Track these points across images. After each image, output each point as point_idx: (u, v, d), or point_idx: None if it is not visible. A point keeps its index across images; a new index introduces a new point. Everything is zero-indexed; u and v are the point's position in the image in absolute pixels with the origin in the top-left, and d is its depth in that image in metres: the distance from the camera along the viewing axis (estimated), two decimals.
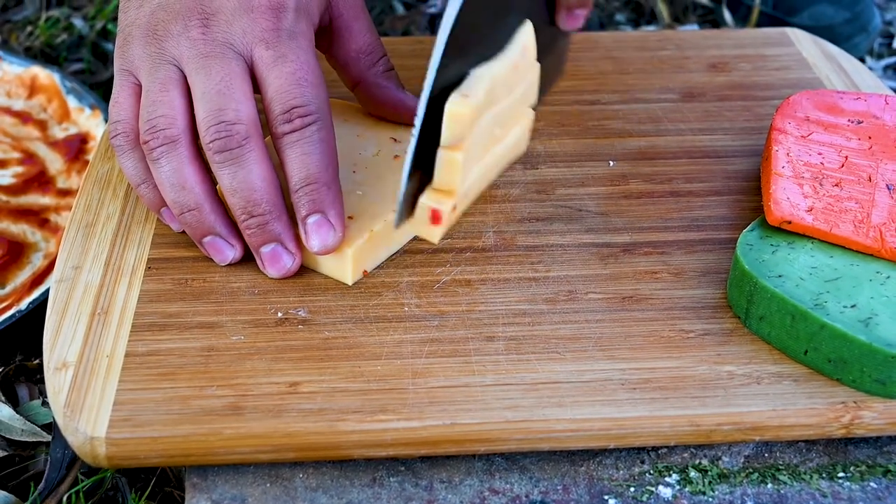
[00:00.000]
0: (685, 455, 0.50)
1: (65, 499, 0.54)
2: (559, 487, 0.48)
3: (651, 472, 0.49)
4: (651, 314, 0.52)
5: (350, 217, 0.55)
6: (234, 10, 0.53)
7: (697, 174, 0.63)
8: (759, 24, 0.97)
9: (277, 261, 0.54)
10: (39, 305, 0.62)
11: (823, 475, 0.49)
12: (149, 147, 0.53)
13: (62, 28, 0.96)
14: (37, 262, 0.67)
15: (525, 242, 0.57)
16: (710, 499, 0.48)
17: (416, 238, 0.57)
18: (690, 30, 0.93)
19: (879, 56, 0.97)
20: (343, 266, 0.53)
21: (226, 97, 0.52)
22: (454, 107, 0.47)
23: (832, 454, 0.50)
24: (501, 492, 0.48)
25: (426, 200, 0.49)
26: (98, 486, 0.55)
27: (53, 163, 0.75)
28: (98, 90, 0.87)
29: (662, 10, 1.01)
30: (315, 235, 0.52)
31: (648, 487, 0.48)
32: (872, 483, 0.48)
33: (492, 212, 0.59)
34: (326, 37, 0.59)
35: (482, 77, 0.50)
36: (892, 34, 1.00)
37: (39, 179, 0.73)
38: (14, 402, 0.60)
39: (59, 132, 0.78)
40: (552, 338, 0.51)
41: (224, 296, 0.53)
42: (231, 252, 0.54)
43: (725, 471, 0.49)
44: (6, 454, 0.57)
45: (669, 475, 0.49)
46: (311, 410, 0.47)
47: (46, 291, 0.62)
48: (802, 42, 0.76)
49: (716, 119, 0.68)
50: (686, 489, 0.48)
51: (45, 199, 0.72)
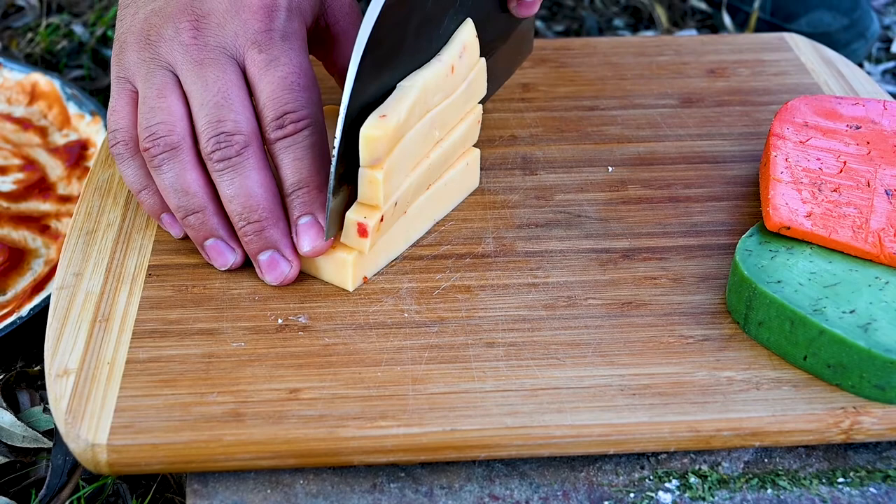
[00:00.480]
0: (685, 461, 0.50)
1: None
2: (559, 493, 0.48)
3: (651, 478, 0.49)
4: (650, 320, 0.53)
5: None
6: (226, 12, 0.53)
7: (696, 180, 0.63)
8: (757, 31, 0.97)
9: (275, 268, 0.54)
10: (40, 312, 0.62)
11: (823, 480, 0.49)
12: (150, 154, 0.53)
13: (62, 35, 0.96)
14: (38, 269, 0.67)
15: (524, 248, 0.57)
16: None
17: (417, 244, 0.57)
18: (689, 35, 0.93)
19: (878, 61, 0.97)
20: (343, 272, 0.54)
21: (224, 108, 0.52)
22: (368, 130, 0.49)
23: (832, 459, 0.50)
24: (501, 498, 0.48)
25: (352, 215, 0.52)
26: (99, 493, 0.55)
27: (54, 169, 0.75)
28: (98, 97, 0.87)
29: (661, 16, 1.01)
30: (305, 236, 0.53)
31: (648, 493, 0.48)
32: (872, 488, 0.49)
33: (491, 218, 0.60)
34: (324, 44, 0.59)
35: (408, 91, 0.51)
36: (891, 39, 1.00)
37: (40, 186, 0.73)
38: (15, 409, 0.60)
39: (60, 139, 0.78)
40: (551, 344, 0.51)
41: (225, 302, 0.53)
42: (232, 256, 0.55)
43: (725, 476, 0.49)
44: (7, 460, 0.57)
45: (669, 481, 0.49)
46: (312, 417, 0.47)
47: (47, 298, 0.62)
48: (801, 47, 0.76)
49: (714, 124, 0.68)
50: (686, 495, 0.48)
51: (46, 206, 0.72)
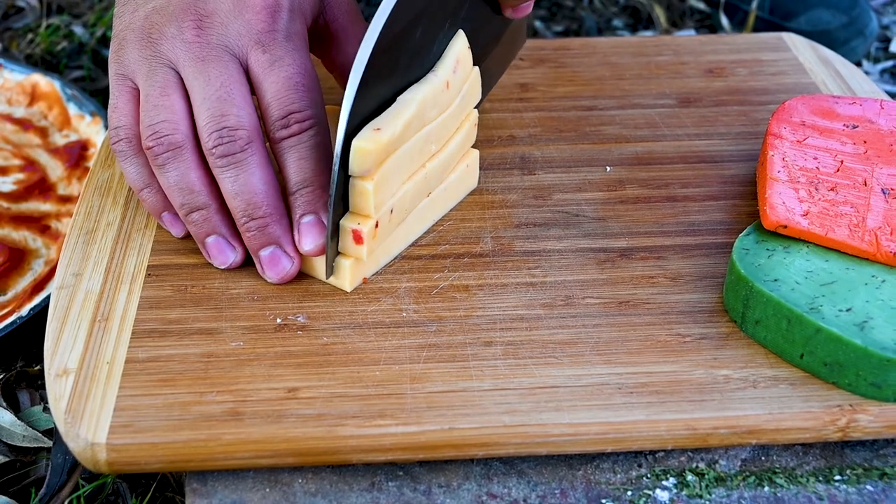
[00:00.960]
0: (682, 459, 0.50)
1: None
2: (557, 491, 0.48)
3: (648, 476, 0.49)
4: (648, 318, 0.53)
5: None
6: (229, 11, 0.53)
7: (694, 179, 0.63)
8: (756, 29, 0.97)
9: (276, 264, 0.54)
10: (40, 312, 0.62)
11: (820, 478, 0.49)
12: (153, 153, 0.53)
13: (62, 35, 0.96)
14: (38, 269, 0.67)
15: (522, 248, 0.57)
16: (707, 502, 0.48)
17: (415, 244, 0.57)
18: (687, 35, 0.93)
19: (876, 60, 0.97)
20: (342, 272, 0.54)
21: (226, 103, 0.52)
22: (360, 143, 0.50)
23: (828, 457, 0.50)
24: (499, 496, 0.48)
25: (346, 223, 0.52)
26: (99, 492, 0.56)
27: (54, 170, 0.75)
28: (98, 97, 0.88)
29: (659, 16, 1.01)
30: (308, 235, 0.53)
31: (646, 491, 0.48)
32: (869, 486, 0.49)
33: (489, 217, 0.60)
34: (324, 42, 0.59)
35: (407, 105, 0.52)
36: (889, 38, 1.00)
37: (40, 186, 0.74)
38: (15, 408, 0.60)
39: (60, 139, 0.79)
40: (549, 342, 0.51)
41: (224, 302, 0.54)
42: (232, 254, 0.55)
43: (722, 474, 0.49)
44: (7, 460, 0.57)
45: (666, 479, 0.49)
46: (310, 416, 0.47)
47: (47, 298, 0.63)
48: (799, 47, 0.76)
49: (712, 124, 0.68)
50: (683, 493, 0.48)
51: (46, 206, 0.72)
